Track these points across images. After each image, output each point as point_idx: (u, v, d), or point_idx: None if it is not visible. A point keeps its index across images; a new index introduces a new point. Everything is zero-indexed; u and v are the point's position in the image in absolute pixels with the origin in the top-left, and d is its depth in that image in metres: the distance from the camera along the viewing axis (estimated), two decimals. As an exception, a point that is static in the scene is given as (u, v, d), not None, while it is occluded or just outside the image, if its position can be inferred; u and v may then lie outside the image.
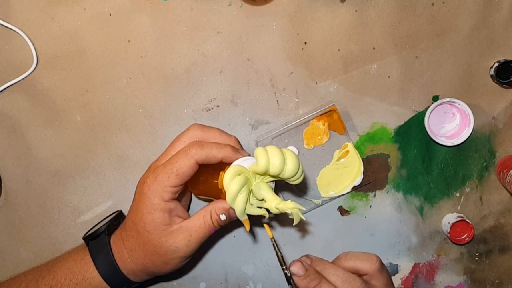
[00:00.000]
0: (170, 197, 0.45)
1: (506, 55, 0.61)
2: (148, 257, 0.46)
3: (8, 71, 0.59)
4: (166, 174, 0.44)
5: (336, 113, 0.60)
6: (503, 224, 0.63)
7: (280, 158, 0.42)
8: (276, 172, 0.43)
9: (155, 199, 0.45)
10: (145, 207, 0.45)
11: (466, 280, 0.63)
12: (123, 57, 0.60)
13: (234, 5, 0.59)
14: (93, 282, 0.47)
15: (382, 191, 0.62)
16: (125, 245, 0.48)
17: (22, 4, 0.58)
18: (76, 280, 0.48)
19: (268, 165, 0.42)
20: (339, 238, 0.62)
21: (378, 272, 0.46)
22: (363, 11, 0.59)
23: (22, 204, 0.61)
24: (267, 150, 0.43)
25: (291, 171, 0.43)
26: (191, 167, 0.44)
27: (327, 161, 0.61)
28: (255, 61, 0.60)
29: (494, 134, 0.62)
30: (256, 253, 0.62)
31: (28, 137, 0.60)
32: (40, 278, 0.49)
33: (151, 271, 0.48)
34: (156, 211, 0.45)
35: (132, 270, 0.48)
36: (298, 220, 0.45)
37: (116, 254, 0.48)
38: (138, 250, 0.47)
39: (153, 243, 0.46)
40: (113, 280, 0.48)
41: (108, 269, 0.47)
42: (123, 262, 0.47)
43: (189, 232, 0.45)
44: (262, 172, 0.43)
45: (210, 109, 0.61)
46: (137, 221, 0.46)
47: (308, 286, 0.44)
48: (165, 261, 0.46)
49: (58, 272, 0.48)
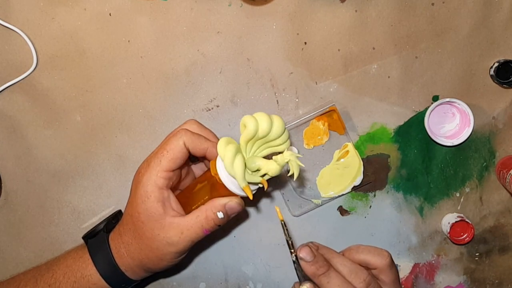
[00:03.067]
0: (163, 183, 0.45)
1: (506, 55, 0.61)
2: (144, 252, 0.46)
3: (8, 71, 0.59)
4: (158, 159, 0.45)
5: (336, 113, 0.60)
6: (503, 224, 0.63)
7: (267, 119, 0.42)
8: (265, 131, 0.42)
9: (148, 186, 0.45)
10: (140, 196, 0.45)
11: (466, 280, 0.63)
12: (123, 57, 0.60)
13: (234, 5, 0.59)
14: (91, 279, 0.47)
15: (382, 191, 0.62)
16: (122, 240, 0.48)
17: (22, 4, 0.58)
18: (75, 278, 0.47)
19: (257, 126, 0.42)
20: (339, 238, 0.62)
21: (388, 268, 0.46)
22: (363, 11, 0.59)
23: (22, 204, 0.61)
24: (253, 115, 0.43)
25: (278, 130, 0.43)
26: (180, 148, 0.45)
27: (327, 161, 0.61)
28: (255, 61, 0.60)
29: (494, 134, 0.62)
30: (256, 253, 0.62)
31: (28, 137, 0.60)
32: (39, 276, 0.49)
33: (148, 267, 0.48)
34: (149, 199, 0.45)
35: (130, 265, 0.48)
36: (297, 170, 0.44)
37: (114, 250, 0.48)
38: (134, 244, 0.47)
39: (147, 235, 0.45)
40: (111, 277, 0.48)
41: (106, 266, 0.47)
42: (120, 258, 0.47)
43: (180, 229, 0.45)
44: (251, 135, 0.43)
45: (210, 109, 0.61)
46: (132, 212, 0.46)
47: (316, 272, 0.44)
48: (159, 256, 0.46)
49: (57, 271, 0.48)
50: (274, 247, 0.62)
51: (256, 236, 0.62)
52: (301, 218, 0.62)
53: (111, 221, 0.53)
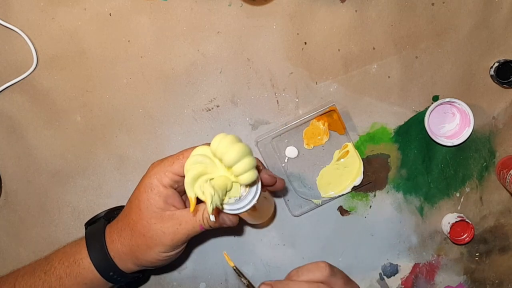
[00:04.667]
0: (168, 183, 0.45)
1: (506, 55, 0.61)
2: (135, 238, 0.46)
3: (8, 71, 0.59)
4: (172, 160, 0.45)
5: (336, 113, 0.60)
6: (503, 224, 0.63)
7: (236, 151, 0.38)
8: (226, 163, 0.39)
9: (154, 179, 0.45)
10: (143, 185, 0.46)
11: (466, 280, 0.63)
12: (123, 57, 0.60)
13: (234, 5, 0.59)
14: (81, 264, 0.47)
15: (382, 191, 0.62)
16: (117, 226, 0.48)
17: (22, 4, 0.58)
18: (68, 263, 0.48)
19: (216, 149, 0.39)
20: (339, 238, 0.62)
21: (332, 277, 0.46)
22: (363, 11, 0.59)
23: (22, 204, 0.61)
24: (225, 138, 0.40)
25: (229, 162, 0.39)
26: None
27: (327, 161, 0.61)
28: (255, 61, 0.60)
29: (494, 134, 0.62)
30: (256, 253, 0.62)
31: (28, 137, 0.60)
32: (37, 265, 0.49)
33: (136, 257, 0.47)
34: (152, 192, 0.45)
35: (118, 252, 0.47)
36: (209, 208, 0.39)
37: (108, 236, 0.48)
38: (127, 230, 0.47)
39: (142, 222, 0.46)
40: (100, 263, 0.47)
41: (96, 251, 0.47)
42: (111, 243, 0.48)
43: (179, 221, 0.45)
44: (212, 152, 0.40)
45: (210, 109, 0.61)
46: (132, 199, 0.47)
47: None
48: (149, 245, 0.46)
49: (54, 258, 0.49)
50: (274, 247, 0.62)
51: (256, 236, 0.62)
52: (301, 218, 0.62)
53: (113, 211, 0.54)
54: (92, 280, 0.48)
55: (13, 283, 0.49)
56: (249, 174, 0.40)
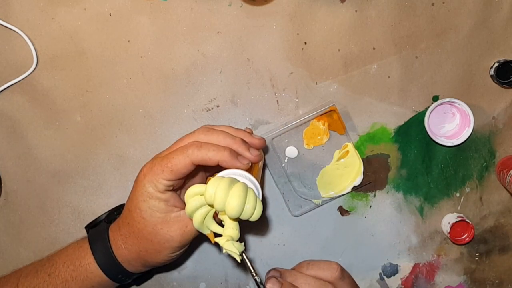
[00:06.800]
0: (163, 189, 0.45)
1: (506, 55, 0.61)
2: (142, 244, 0.46)
3: (8, 71, 0.59)
4: (161, 167, 0.44)
5: (336, 113, 0.60)
6: (503, 224, 0.63)
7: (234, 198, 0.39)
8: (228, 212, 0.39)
9: (149, 188, 0.45)
10: (141, 195, 0.45)
11: (466, 280, 0.63)
12: (123, 57, 0.60)
13: (234, 5, 0.59)
14: (89, 268, 0.48)
15: (382, 191, 0.62)
16: (120, 232, 0.48)
17: (22, 4, 0.58)
18: (73, 267, 0.48)
19: (212, 199, 0.39)
20: (339, 238, 0.62)
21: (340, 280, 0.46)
22: (363, 11, 0.60)
23: (22, 204, 0.61)
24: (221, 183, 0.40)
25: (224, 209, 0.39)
26: (186, 166, 0.44)
27: (327, 161, 0.61)
28: (255, 61, 0.60)
29: (494, 134, 0.62)
30: (256, 253, 0.62)
31: (28, 137, 0.60)
32: (40, 267, 0.49)
33: (145, 260, 0.48)
34: (151, 199, 0.45)
35: (126, 258, 0.48)
36: (237, 257, 0.41)
37: (112, 241, 0.48)
38: (132, 237, 0.47)
39: (148, 229, 0.46)
40: (108, 267, 0.48)
41: (103, 256, 0.48)
42: (118, 249, 0.48)
43: (185, 223, 0.45)
44: (208, 202, 0.40)
45: (210, 109, 0.61)
46: (132, 208, 0.46)
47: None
48: (158, 249, 0.46)
49: (57, 260, 0.49)
50: (274, 247, 0.62)
51: (256, 236, 0.62)
52: (301, 218, 0.62)
53: (113, 212, 0.54)
54: (99, 282, 0.48)
55: (16, 284, 0.48)
56: (257, 210, 0.41)
